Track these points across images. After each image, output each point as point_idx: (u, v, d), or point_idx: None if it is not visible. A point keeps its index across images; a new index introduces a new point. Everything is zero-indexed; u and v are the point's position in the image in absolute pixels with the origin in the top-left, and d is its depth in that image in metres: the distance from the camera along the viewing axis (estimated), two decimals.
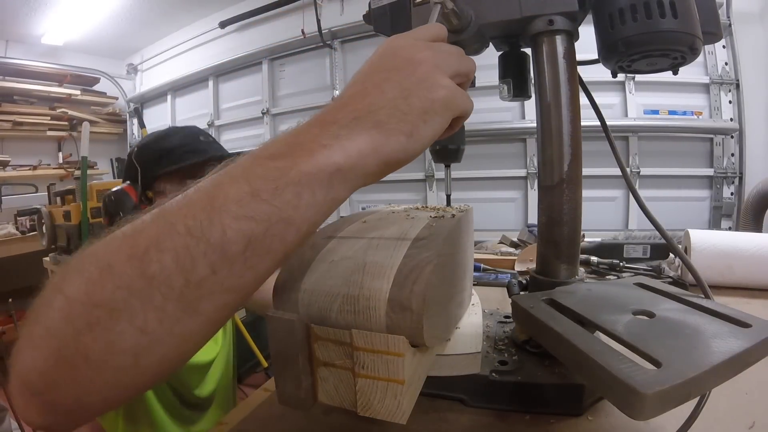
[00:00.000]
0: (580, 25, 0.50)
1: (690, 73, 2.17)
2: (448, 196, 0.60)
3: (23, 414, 0.25)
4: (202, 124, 2.99)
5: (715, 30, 0.51)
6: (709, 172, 2.23)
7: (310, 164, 0.25)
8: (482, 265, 1.00)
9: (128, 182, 0.97)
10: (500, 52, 0.60)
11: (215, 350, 1.01)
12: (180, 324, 0.23)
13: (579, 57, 0.49)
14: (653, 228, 0.52)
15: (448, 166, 0.58)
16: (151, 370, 0.24)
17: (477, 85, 0.56)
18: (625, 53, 0.48)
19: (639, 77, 2.21)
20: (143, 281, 0.22)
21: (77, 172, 1.61)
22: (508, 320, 0.61)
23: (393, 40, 0.33)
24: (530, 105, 1.03)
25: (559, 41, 0.48)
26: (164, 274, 0.22)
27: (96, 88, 4.09)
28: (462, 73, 0.33)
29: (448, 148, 0.55)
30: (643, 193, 0.58)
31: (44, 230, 1.80)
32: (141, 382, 0.25)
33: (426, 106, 0.29)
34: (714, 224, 2.23)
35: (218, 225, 0.23)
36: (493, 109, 2.43)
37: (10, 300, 2.18)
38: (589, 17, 0.51)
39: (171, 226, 0.23)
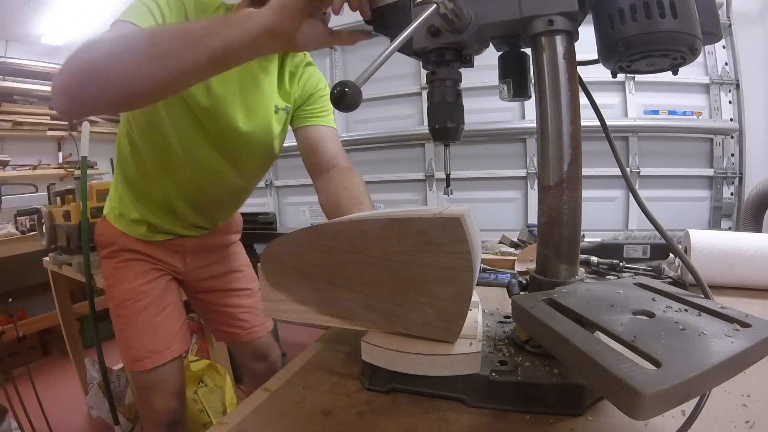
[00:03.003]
0: (580, 25, 0.50)
1: (690, 73, 2.17)
2: (448, 176, 0.60)
3: (59, 105, 0.53)
4: None
5: (715, 30, 0.51)
6: (709, 172, 2.23)
7: (236, 27, 0.53)
8: (482, 265, 1.00)
9: None
10: (500, 52, 0.60)
11: None
12: (148, 67, 0.51)
13: (579, 57, 0.49)
14: (653, 228, 0.52)
15: (447, 146, 0.58)
16: (130, 86, 0.52)
17: (477, 85, 0.56)
18: (625, 53, 0.48)
19: (639, 77, 2.21)
20: (143, 49, 0.52)
21: (77, 172, 1.61)
22: (508, 320, 0.61)
23: None
24: (530, 105, 1.03)
25: (559, 41, 0.48)
26: (152, 50, 0.52)
27: None
28: None
29: (447, 127, 0.55)
30: (643, 193, 0.58)
31: (44, 230, 1.80)
32: (126, 92, 0.52)
33: None
34: (714, 224, 2.23)
35: (183, 38, 0.52)
36: (493, 109, 2.43)
37: (10, 300, 2.18)
38: (589, 17, 0.52)
39: (159, 35, 0.54)
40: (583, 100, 0.51)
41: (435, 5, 0.44)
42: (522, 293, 0.55)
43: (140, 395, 1.02)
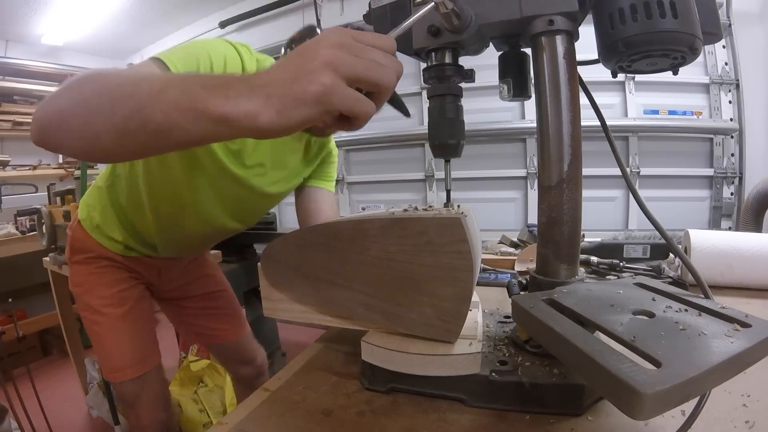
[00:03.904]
0: (580, 25, 0.50)
1: (690, 73, 2.17)
2: (448, 192, 0.60)
3: (33, 133, 0.45)
4: None
5: (715, 30, 0.51)
6: (709, 172, 2.23)
7: (213, 107, 0.35)
8: (482, 265, 1.00)
9: None
10: (500, 52, 0.60)
11: None
12: (104, 123, 0.39)
13: (579, 57, 0.49)
14: (653, 228, 0.52)
15: (447, 161, 0.58)
16: (86, 145, 0.41)
17: (477, 85, 0.56)
18: (625, 53, 0.48)
19: (639, 77, 2.21)
20: (107, 102, 0.39)
21: (77, 172, 1.61)
22: (508, 320, 0.61)
23: (325, 32, 0.37)
24: (530, 105, 1.03)
25: (559, 41, 0.48)
26: (112, 106, 0.39)
27: None
28: (364, 81, 0.35)
29: (448, 143, 0.55)
30: (643, 193, 0.58)
31: (44, 230, 1.80)
32: (85, 143, 0.41)
33: (299, 95, 0.34)
34: (714, 224, 2.23)
35: (145, 113, 0.37)
36: (493, 109, 2.43)
37: (10, 300, 2.18)
38: (589, 17, 0.51)
39: (135, 86, 0.39)
40: (583, 100, 0.51)
41: (433, 4, 0.44)
42: (522, 293, 0.55)
43: (125, 407, 0.98)
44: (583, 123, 0.49)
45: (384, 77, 0.36)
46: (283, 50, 0.94)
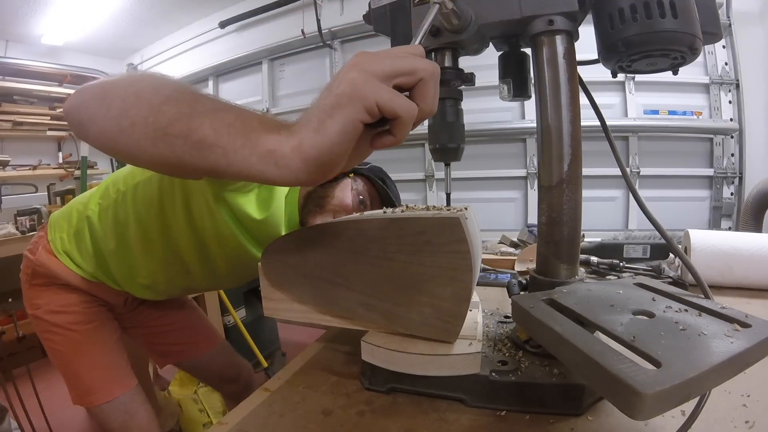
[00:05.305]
0: (580, 25, 0.50)
1: (690, 73, 2.17)
2: (448, 195, 0.60)
3: (68, 103, 0.43)
4: None
5: (715, 30, 0.51)
6: (709, 172, 2.23)
7: (264, 139, 0.34)
8: (482, 265, 1.00)
9: None
10: (500, 52, 0.60)
11: None
12: (132, 131, 0.37)
13: (579, 57, 0.49)
14: (653, 228, 0.52)
15: (447, 165, 0.58)
16: (112, 139, 0.39)
17: (477, 85, 0.56)
18: (625, 53, 0.48)
19: (639, 77, 2.21)
20: (160, 99, 0.37)
21: (77, 172, 1.61)
22: (508, 320, 0.61)
23: (353, 57, 0.35)
24: (530, 105, 1.03)
25: (559, 41, 0.48)
26: (154, 117, 0.36)
27: None
28: (396, 73, 0.33)
29: (448, 147, 0.55)
30: (643, 193, 0.58)
31: None
32: (116, 129, 0.38)
33: (332, 102, 0.32)
34: (714, 224, 2.23)
35: (195, 122, 0.35)
36: (493, 109, 2.43)
37: (10, 300, 2.18)
38: (589, 17, 0.51)
39: (194, 95, 0.38)
40: (583, 100, 0.51)
41: (438, 4, 0.44)
42: (522, 293, 0.55)
43: None
44: (583, 123, 0.49)
45: (417, 65, 0.34)
46: None
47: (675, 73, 0.53)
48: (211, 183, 0.70)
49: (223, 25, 3.35)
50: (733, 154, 2.20)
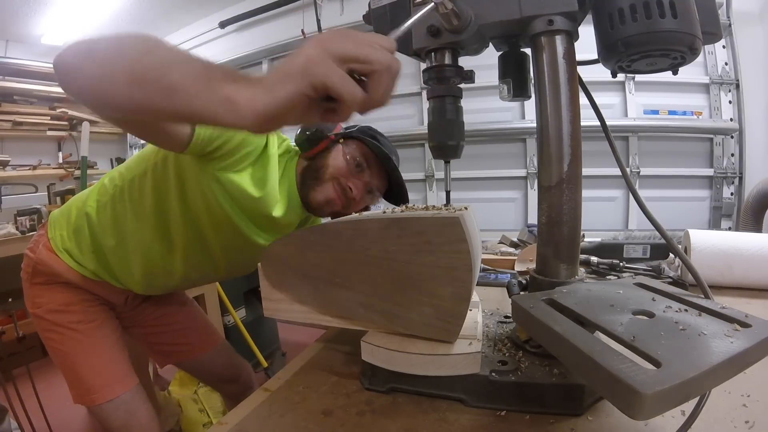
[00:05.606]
0: (580, 25, 0.50)
1: (690, 73, 2.17)
2: (448, 193, 0.60)
3: (57, 56, 0.48)
4: None
5: (714, 30, 0.51)
6: (709, 172, 2.23)
7: (224, 88, 0.38)
8: (482, 265, 1.00)
9: None
10: (500, 52, 0.60)
11: None
12: (115, 76, 0.42)
13: (579, 57, 0.49)
14: (653, 228, 0.52)
15: (447, 163, 0.58)
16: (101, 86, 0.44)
17: (477, 85, 0.56)
18: (625, 53, 0.48)
19: (639, 77, 2.21)
20: (141, 52, 0.42)
21: (77, 172, 1.61)
22: (508, 320, 0.61)
23: (323, 33, 0.39)
24: (530, 105, 1.03)
25: (559, 41, 0.48)
26: (133, 65, 0.41)
27: None
28: (353, 58, 0.35)
29: (447, 144, 0.55)
30: (643, 193, 0.58)
31: None
32: (99, 76, 0.44)
33: (286, 70, 0.36)
34: (714, 224, 2.23)
35: (166, 70, 0.40)
36: (493, 109, 2.43)
37: (10, 300, 2.18)
38: (589, 17, 0.51)
39: (170, 50, 0.43)
40: (583, 100, 0.51)
41: (433, 4, 0.44)
42: (522, 293, 0.55)
43: None
44: (583, 123, 0.49)
45: (375, 56, 0.36)
46: None
47: (675, 73, 0.53)
48: (204, 162, 0.71)
49: (223, 25, 3.34)
50: (733, 154, 2.20)
